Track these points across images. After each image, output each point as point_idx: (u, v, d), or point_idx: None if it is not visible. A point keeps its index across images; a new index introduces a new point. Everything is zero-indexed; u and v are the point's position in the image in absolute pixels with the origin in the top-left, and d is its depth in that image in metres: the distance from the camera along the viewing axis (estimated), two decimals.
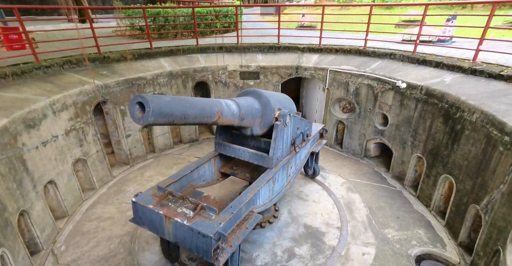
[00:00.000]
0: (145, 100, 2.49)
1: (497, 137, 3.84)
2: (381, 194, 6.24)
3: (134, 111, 2.58)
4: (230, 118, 3.58)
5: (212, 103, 3.34)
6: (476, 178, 4.31)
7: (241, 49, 8.60)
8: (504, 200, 3.55)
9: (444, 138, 5.17)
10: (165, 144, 8.21)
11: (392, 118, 6.56)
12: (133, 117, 2.60)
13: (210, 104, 3.27)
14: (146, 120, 2.51)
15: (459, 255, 4.69)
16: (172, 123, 2.81)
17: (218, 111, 3.33)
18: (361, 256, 4.60)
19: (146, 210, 3.41)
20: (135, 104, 2.56)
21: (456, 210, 4.91)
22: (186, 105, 2.89)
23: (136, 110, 2.57)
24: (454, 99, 4.87)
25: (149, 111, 2.47)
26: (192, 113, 2.95)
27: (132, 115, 2.60)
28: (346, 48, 7.93)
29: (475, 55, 5.67)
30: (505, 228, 3.42)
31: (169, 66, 7.59)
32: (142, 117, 2.54)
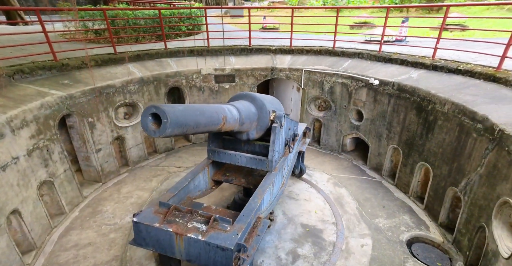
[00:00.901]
0: (161, 111, 2.26)
1: (470, 125, 4.29)
2: (364, 186, 6.58)
3: (147, 123, 2.32)
4: (232, 124, 3.44)
5: (217, 109, 3.17)
6: (452, 163, 4.77)
7: (212, 52, 8.39)
8: (483, 181, 3.98)
9: (418, 129, 5.63)
10: (139, 156, 7.63)
11: (367, 113, 6.96)
12: (146, 130, 2.34)
13: (216, 110, 3.10)
14: (163, 132, 2.28)
15: (441, 234, 5.14)
16: (185, 133, 2.60)
17: (223, 117, 3.17)
18: (361, 248, 4.77)
19: (151, 229, 3.10)
20: (148, 115, 2.31)
21: (434, 194, 5.38)
22: (197, 114, 2.69)
23: (149, 122, 2.32)
24: (425, 93, 5.33)
25: (166, 122, 2.25)
26: (203, 121, 2.77)
27: (146, 128, 2.34)
28: (317, 48, 8.22)
29: (434, 53, 6.30)
30: (487, 206, 3.83)
31: (139, 72, 7.07)
32: (157, 130, 2.30)
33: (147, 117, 2.34)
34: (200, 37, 10.40)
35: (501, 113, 4.00)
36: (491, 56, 5.77)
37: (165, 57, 7.96)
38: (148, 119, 2.35)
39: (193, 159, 7.79)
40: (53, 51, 6.08)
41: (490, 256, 3.59)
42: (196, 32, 12.24)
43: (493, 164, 3.77)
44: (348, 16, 18.22)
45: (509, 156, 3.42)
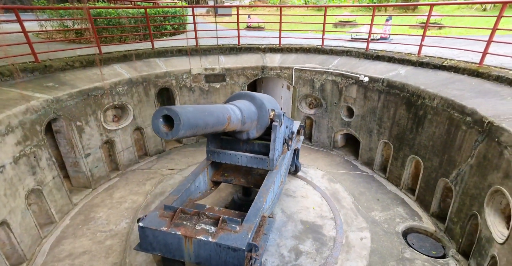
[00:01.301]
0: (174, 113, 2.21)
1: (459, 118, 4.50)
2: (358, 181, 6.74)
3: (158, 125, 2.26)
4: (236, 123, 3.41)
5: (222, 109, 3.13)
6: (443, 155, 4.99)
7: (201, 52, 8.27)
8: (474, 171, 4.19)
9: (408, 123, 5.84)
10: (130, 159, 7.41)
11: (357, 110, 7.13)
12: (158, 132, 2.28)
13: (221, 110, 3.07)
14: (176, 134, 2.23)
15: (434, 224, 5.37)
16: (195, 134, 2.55)
17: (228, 117, 3.14)
18: (360, 241, 4.89)
19: (158, 233, 3.02)
20: (159, 118, 2.25)
21: (426, 186, 5.61)
22: (205, 114, 2.65)
23: (160, 124, 2.26)
24: (414, 88, 5.53)
25: (179, 124, 2.20)
26: (211, 122, 2.72)
27: (157, 130, 2.28)
28: (305, 47, 8.31)
29: (419, 50, 6.54)
30: (479, 194, 4.04)
31: (127, 73, 6.85)
32: (170, 132, 2.25)
33: (159, 119, 2.29)
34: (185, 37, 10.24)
35: (488, 106, 4.22)
36: (472, 53, 6.08)
37: (153, 57, 7.75)
38: (159, 121, 2.29)
39: (185, 160, 7.66)
40: (34, 52, 5.77)
41: (484, 242, 3.80)
42: (181, 32, 12.03)
43: (483, 155, 3.97)
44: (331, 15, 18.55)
45: (499, 147, 3.62)
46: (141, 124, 7.35)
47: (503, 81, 4.76)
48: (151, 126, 7.35)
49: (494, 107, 4.15)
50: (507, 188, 3.37)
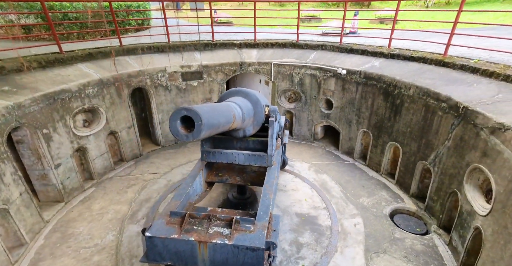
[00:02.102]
0: (194, 113, 2.05)
1: (435, 105, 4.89)
2: (342, 170, 7.02)
3: (177, 128, 2.09)
4: (238, 121, 3.30)
5: (228, 107, 3.01)
6: (421, 140, 5.39)
7: (174, 48, 7.88)
8: (451, 152, 4.59)
9: (386, 112, 6.20)
10: (105, 167, 6.85)
11: (336, 102, 7.38)
12: (177, 135, 2.11)
13: (228, 109, 2.94)
14: (197, 135, 2.09)
15: (414, 204, 5.80)
16: (209, 135, 2.40)
17: (233, 116, 3.02)
18: (355, 227, 5.12)
19: (169, 242, 2.82)
20: (177, 119, 2.07)
21: (405, 169, 6.03)
22: (219, 113, 2.52)
23: (178, 126, 2.08)
24: (391, 79, 5.87)
25: (200, 125, 2.06)
26: (223, 121, 2.60)
27: (176, 133, 2.10)
28: (281, 42, 8.35)
29: (389, 43, 6.96)
30: (458, 173, 4.45)
31: (96, 73, 6.27)
32: (190, 134, 2.09)
33: (177, 121, 2.11)
34: (151, 33, 9.68)
35: (459, 93, 4.64)
36: (435, 44, 6.62)
37: (122, 55, 7.20)
38: (177, 123, 2.11)
39: (167, 163, 7.30)
40: None
41: (465, 215, 4.20)
42: (145, 28, 11.34)
43: (460, 137, 4.37)
44: (293, 9, 18.91)
45: (475, 129, 4.00)
46: (115, 128, 6.82)
47: (467, 69, 5.26)
48: (126, 129, 6.89)
49: (464, 93, 4.57)
50: (486, 165, 3.75)
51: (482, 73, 4.98)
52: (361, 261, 4.42)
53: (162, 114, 7.81)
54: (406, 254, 4.57)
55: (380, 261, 4.44)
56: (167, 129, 8.11)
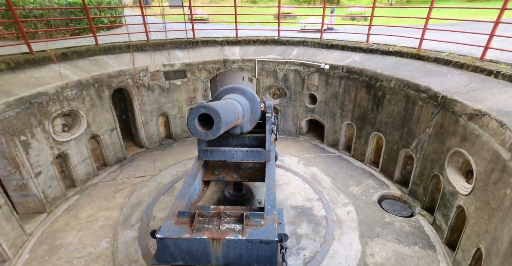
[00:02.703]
0: (213, 110, 2.06)
1: (415, 95, 5.23)
2: (329, 162, 7.28)
3: (195, 126, 2.07)
4: (240, 118, 3.32)
5: (233, 104, 3.01)
6: (403, 129, 5.75)
7: (154, 47, 7.64)
8: (432, 139, 4.96)
9: (369, 104, 6.51)
10: (88, 173, 6.52)
11: (320, 96, 7.61)
12: (196, 133, 2.09)
13: (234, 106, 2.94)
14: (216, 133, 2.09)
15: (398, 189, 6.19)
16: (222, 132, 2.40)
17: (238, 112, 3.03)
18: (348, 215, 5.36)
19: (181, 242, 2.79)
20: (195, 118, 2.06)
21: (388, 157, 6.39)
22: (229, 111, 2.52)
23: (196, 124, 2.07)
24: (372, 73, 6.18)
25: (219, 122, 2.06)
26: (233, 118, 2.61)
27: (195, 131, 2.09)
28: (262, 39, 8.41)
29: (367, 38, 7.29)
30: (439, 158, 4.82)
31: (73, 74, 5.92)
32: (209, 131, 2.08)
33: (195, 119, 2.10)
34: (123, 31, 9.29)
35: (436, 83, 5.01)
36: (409, 39, 7.04)
37: (99, 55, 6.86)
38: (196, 122, 2.10)
39: (155, 165, 7.10)
40: None
41: (448, 196, 4.57)
42: (117, 25, 10.84)
43: (440, 124, 4.73)
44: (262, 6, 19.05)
45: (454, 116, 4.36)
46: (96, 131, 6.50)
47: (440, 62, 5.68)
48: (108, 132, 6.59)
49: (441, 83, 4.94)
50: (465, 149, 4.10)
51: (454, 65, 5.41)
52: (357, 246, 4.66)
53: (146, 115, 7.56)
54: (397, 236, 4.89)
55: (375, 244, 4.70)
56: (152, 130, 7.87)
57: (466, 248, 3.91)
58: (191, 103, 8.23)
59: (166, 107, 7.84)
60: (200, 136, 2.19)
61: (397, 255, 4.52)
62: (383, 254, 4.52)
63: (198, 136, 2.19)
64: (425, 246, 4.70)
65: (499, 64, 4.92)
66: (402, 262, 4.39)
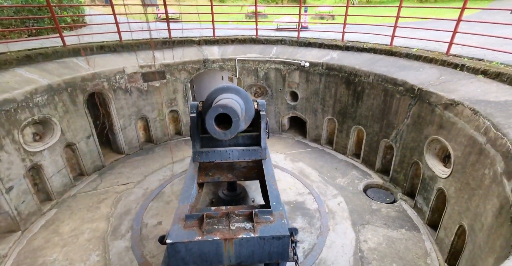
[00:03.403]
0: (231, 110, 2.07)
1: (393, 89, 5.59)
2: (314, 156, 7.51)
3: (214, 126, 2.05)
4: (241, 117, 3.30)
5: (237, 104, 2.98)
6: (382, 121, 6.11)
7: (128, 47, 7.30)
8: (410, 129, 5.34)
9: (349, 99, 6.82)
10: (64, 184, 6.07)
11: (301, 93, 7.81)
12: (215, 133, 2.06)
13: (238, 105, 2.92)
14: (235, 131, 2.09)
15: (380, 178, 6.59)
16: None
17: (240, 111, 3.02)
18: (339, 206, 5.59)
19: (193, 245, 2.72)
20: (213, 118, 2.03)
21: (369, 148, 6.76)
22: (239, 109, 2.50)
23: (214, 125, 2.05)
24: (351, 69, 6.48)
25: (238, 120, 2.06)
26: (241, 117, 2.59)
27: (214, 131, 2.06)
28: (240, 38, 8.41)
29: (343, 36, 7.62)
30: (418, 146, 5.21)
31: (42, 78, 5.46)
32: (228, 131, 2.07)
33: (213, 119, 2.07)
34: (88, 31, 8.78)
35: (411, 77, 5.40)
36: (380, 36, 7.49)
37: (69, 57, 6.39)
38: (213, 122, 2.07)
39: (138, 171, 6.80)
40: None
41: (428, 180, 4.96)
42: (80, 25, 10.15)
43: (417, 114, 5.11)
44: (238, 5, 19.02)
45: (430, 106, 4.74)
46: (72, 139, 6.06)
47: (411, 57, 6.12)
48: (84, 139, 6.19)
49: (416, 77, 5.34)
50: (443, 136, 4.49)
51: (424, 60, 5.87)
52: (351, 234, 4.88)
53: (124, 119, 7.20)
54: (385, 222, 5.20)
55: (366, 231, 4.96)
56: (131, 135, 7.52)
57: (448, 226, 4.29)
58: (171, 105, 8.00)
59: (145, 110, 7.53)
60: (218, 136, 2.17)
61: (388, 239, 4.81)
62: (375, 240, 4.79)
63: (217, 136, 2.16)
64: (410, 228, 5.07)
65: (463, 58, 5.43)
66: (392, 245, 4.69)
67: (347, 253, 4.49)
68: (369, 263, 4.33)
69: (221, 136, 2.19)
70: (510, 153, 2.75)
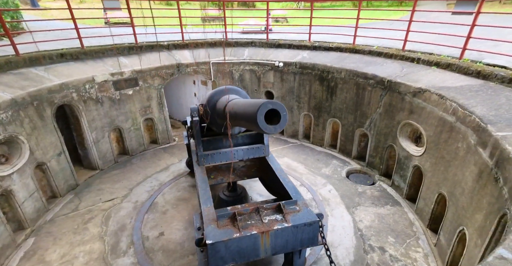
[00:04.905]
0: (279, 105, 2.21)
1: (364, 82, 6.24)
2: (295, 151, 7.91)
3: (264, 122, 2.17)
4: None
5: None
6: (356, 112, 6.75)
7: (92, 55, 6.80)
8: (383, 117, 6.03)
9: (323, 95, 7.36)
10: (37, 209, 5.43)
11: (276, 92, 8.15)
12: (266, 129, 2.17)
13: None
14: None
15: (357, 164, 7.26)
16: None
17: None
18: (330, 193, 6.03)
19: (232, 242, 2.77)
20: (263, 114, 2.15)
21: (345, 138, 7.40)
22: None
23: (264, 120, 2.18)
24: (323, 66, 7.01)
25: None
26: None
27: (265, 127, 2.17)
28: (210, 41, 8.42)
29: (309, 37, 8.17)
30: (391, 131, 5.91)
31: (1, 92, 4.81)
32: (277, 125, 2.21)
33: (263, 115, 2.18)
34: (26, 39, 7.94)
35: (379, 71, 6.10)
36: (341, 36, 8.22)
37: (25, 67, 5.74)
38: (263, 118, 2.19)
39: (121, 185, 6.38)
40: None
41: (403, 160, 5.68)
42: (17, 33, 9.06)
43: (388, 103, 5.80)
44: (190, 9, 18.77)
45: (400, 95, 5.44)
46: (42, 158, 5.45)
47: (373, 54, 6.89)
48: (55, 157, 5.65)
49: (383, 71, 6.05)
50: (414, 120, 5.20)
51: (385, 56, 6.66)
52: (348, 216, 5.34)
53: (96, 132, 6.68)
54: (372, 201, 5.79)
55: (359, 212, 5.47)
56: (104, 148, 6.99)
57: (427, 197, 4.98)
58: (146, 113, 7.65)
59: (118, 120, 7.08)
60: (269, 131, 2.27)
61: (378, 216, 5.38)
62: (368, 218, 5.31)
63: (267, 131, 2.26)
64: (394, 204, 5.73)
65: (417, 53, 6.32)
66: (383, 220, 5.26)
67: (349, 233, 4.90)
68: (369, 239, 4.80)
69: (271, 130, 2.31)
70: (481, 127, 3.39)
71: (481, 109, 3.66)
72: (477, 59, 5.37)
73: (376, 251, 4.53)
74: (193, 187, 6.24)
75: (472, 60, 5.34)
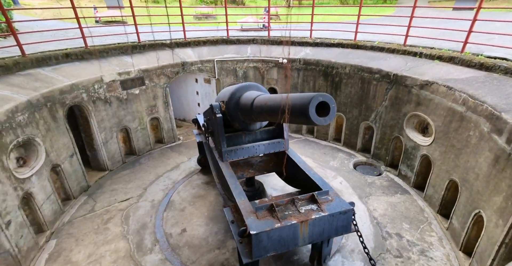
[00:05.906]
0: (328, 97, 2.33)
1: (369, 76, 6.46)
2: (301, 145, 8.09)
3: (315, 114, 2.29)
4: None
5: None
6: (361, 106, 6.98)
7: (96, 54, 6.71)
8: (389, 109, 6.28)
9: (327, 90, 7.55)
10: (55, 212, 5.38)
11: (280, 89, 8.28)
12: (316, 120, 2.30)
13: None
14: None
15: (363, 156, 7.51)
16: None
17: None
18: (341, 184, 6.24)
19: (274, 232, 2.90)
20: (315, 106, 2.28)
21: (350, 132, 7.63)
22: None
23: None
24: (328, 62, 7.19)
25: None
26: None
27: (316, 119, 2.30)
28: (212, 39, 8.45)
29: (311, 34, 8.33)
30: (397, 123, 6.17)
31: (16, 93, 4.73)
32: (327, 117, 2.34)
33: (314, 108, 2.30)
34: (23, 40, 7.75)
35: (383, 65, 6.33)
36: (341, 32, 8.42)
37: (33, 68, 5.64)
38: (315, 110, 2.32)
39: (134, 185, 6.38)
40: None
41: (411, 149, 5.95)
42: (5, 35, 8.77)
43: (394, 96, 6.04)
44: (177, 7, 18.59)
45: (406, 88, 5.68)
46: (56, 160, 5.39)
47: (376, 49, 7.13)
48: (68, 159, 5.61)
49: (387, 65, 6.29)
50: (421, 111, 5.46)
51: (387, 51, 6.90)
52: (362, 206, 5.56)
53: (105, 133, 6.62)
54: (383, 191, 6.04)
55: (372, 201, 5.71)
56: (113, 149, 6.94)
57: (436, 183, 5.26)
58: (152, 113, 7.62)
59: (126, 120, 7.03)
60: (319, 123, 2.38)
61: (390, 204, 5.63)
62: (381, 207, 5.55)
63: (318, 123, 2.38)
64: (403, 192, 6.00)
65: (419, 47, 6.59)
66: (395, 208, 5.52)
67: (366, 222, 5.13)
68: (385, 226, 5.04)
69: (322, 122, 2.43)
70: (494, 115, 3.64)
71: (492, 99, 3.92)
72: (477, 52, 5.67)
73: (393, 237, 4.77)
74: (207, 184, 6.30)
75: (472, 53, 5.64)
